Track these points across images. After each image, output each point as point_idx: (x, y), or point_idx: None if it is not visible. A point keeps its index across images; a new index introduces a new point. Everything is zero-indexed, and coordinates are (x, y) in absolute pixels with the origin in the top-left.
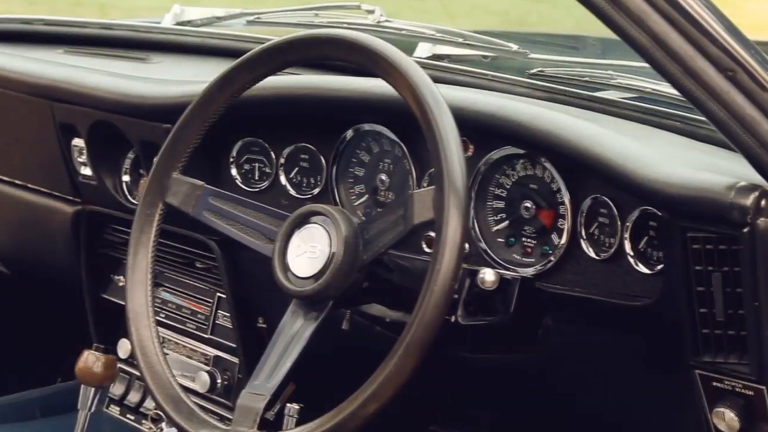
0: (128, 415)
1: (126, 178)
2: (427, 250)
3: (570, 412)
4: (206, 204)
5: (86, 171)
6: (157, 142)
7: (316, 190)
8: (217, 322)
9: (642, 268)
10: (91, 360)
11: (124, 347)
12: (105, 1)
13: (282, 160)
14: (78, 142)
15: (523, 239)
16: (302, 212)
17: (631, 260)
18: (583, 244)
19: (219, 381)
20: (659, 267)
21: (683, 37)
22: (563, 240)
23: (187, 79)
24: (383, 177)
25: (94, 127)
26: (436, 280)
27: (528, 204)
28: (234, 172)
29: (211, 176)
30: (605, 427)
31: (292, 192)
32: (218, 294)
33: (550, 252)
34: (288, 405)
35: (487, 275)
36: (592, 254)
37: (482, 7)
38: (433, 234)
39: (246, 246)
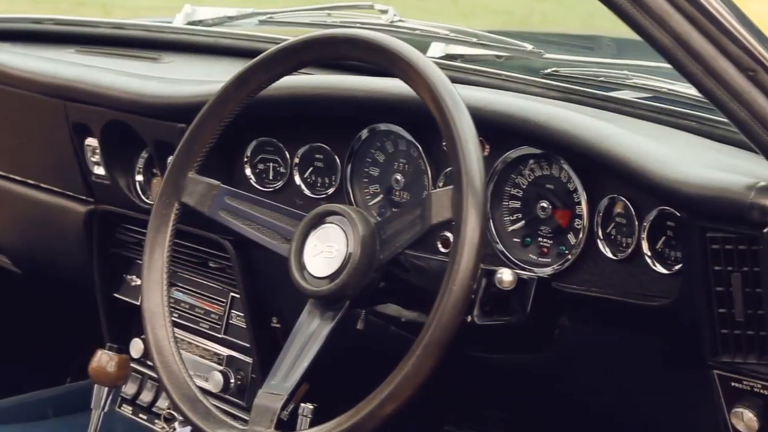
0: (141, 415)
1: (139, 177)
2: (442, 250)
3: (585, 412)
4: (222, 204)
5: (99, 171)
6: (172, 142)
7: (331, 190)
8: (230, 321)
9: (659, 268)
10: (104, 359)
11: (136, 347)
12: (107, 0)
13: (296, 160)
14: (91, 141)
15: (539, 239)
16: (318, 212)
17: (649, 260)
18: (600, 244)
19: (232, 381)
20: (677, 267)
21: (705, 37)
22: (580, 240)
23: (200, 78)
24: (398, 177)
25: (108, 127)
26: (455, 279)
27: (544, 204)
28: (248, 171)
29: (225, 176)
30: (621, 427)
31: (307, 192)
32: (232, 294)
33: (567, 252)
34: (302, 405)
35: (505, 275)
36: (609, 254)
37: (485, 7)
38: (448, 234)
39: (261, 246)
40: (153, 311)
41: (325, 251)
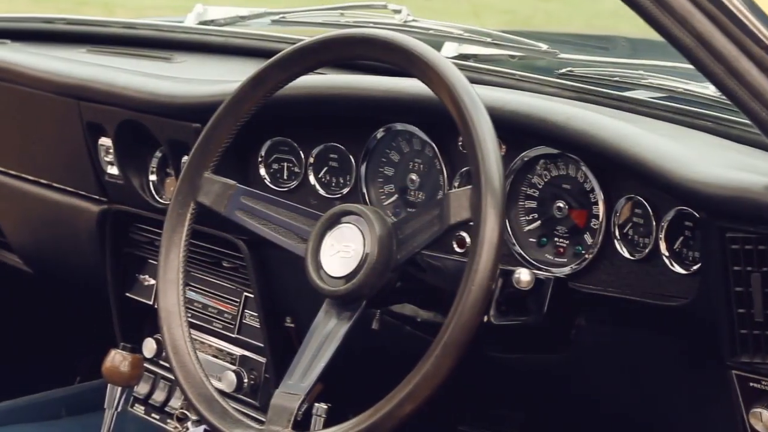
0: (153, 415)
1: (153, 177)
2: (458, 249)
3: (602, 412)
4: (238, 203)
5: (113, 170)
6: (186, 142)
7: (345, 190)
8: (244, 321)
9: (677, 269)
10: (117, 359)
11: (149, 346)
12: (109, 0)
13: (311, 160)
14: (105, 141)
15: (556, 239)
16: (335, 212)
17: (667, 260)
18: (617, 245)
19: (245, 381)
20: (695, 267)
21: (727, 37)
22: (597, 240)
23: (213, 78)
24: (413, 177)
25: (122, 127)
26: (473, 279)
27: (560, 204)
28: (263, 171)
29: (239, 176)
30: (638, 427)
31: (321, 192)
32: (245, 293)
33: (583, 252)
34: (316, 404)
35: (523, 275)
36: (626, 254)
37: (490, 6)
38: (464, 234)
39: (276, 245)
40: (169, 311)
41: (342, 251)
